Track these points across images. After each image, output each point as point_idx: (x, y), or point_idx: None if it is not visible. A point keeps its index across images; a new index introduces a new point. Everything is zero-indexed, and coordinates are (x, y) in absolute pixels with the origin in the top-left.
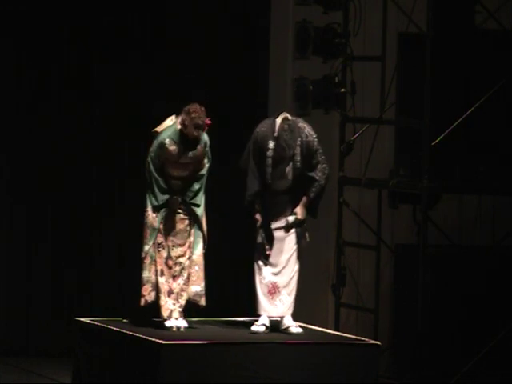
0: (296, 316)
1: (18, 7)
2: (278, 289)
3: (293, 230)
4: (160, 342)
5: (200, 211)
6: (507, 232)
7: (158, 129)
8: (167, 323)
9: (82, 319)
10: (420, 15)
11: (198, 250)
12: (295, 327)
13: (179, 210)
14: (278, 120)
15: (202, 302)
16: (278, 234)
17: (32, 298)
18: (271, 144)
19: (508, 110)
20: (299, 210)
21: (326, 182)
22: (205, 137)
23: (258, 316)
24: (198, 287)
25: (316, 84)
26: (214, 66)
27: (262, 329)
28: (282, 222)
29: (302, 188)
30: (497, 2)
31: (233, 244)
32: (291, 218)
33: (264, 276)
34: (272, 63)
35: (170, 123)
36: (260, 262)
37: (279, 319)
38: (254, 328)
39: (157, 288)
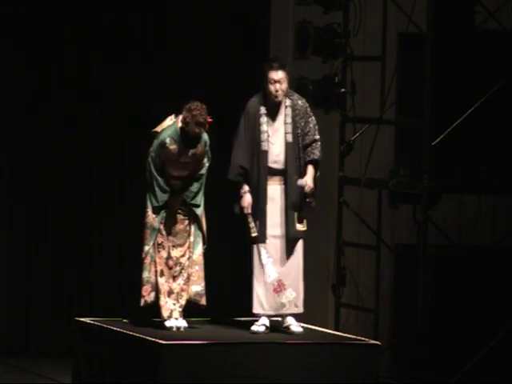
0: (296, 316)
1: (18, 7)
2: (283, 286)
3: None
4: (160, 341)
5: (200, 211)
6: (507, 232)
7: (158, 129)
8: (167, 323)
9: (82, 319)
10: (420, 15)
11: (198, 250)
12: (296, 326)
13: (179, 211)
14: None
15: (203, 301)
16: (280, 231)
17: (32, 298)
18: (263, 109)
19: (508, 110)
20: (309, 178)
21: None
22: (205, 136)
23: (258, 316)
24: (198, 287)
25: (316, 84)
26: (213, 66)
27: (262, 329)
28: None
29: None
30: (497, 2)
31: (232, 244)
32: (302, 181)
33: (269, 274)
34: None
35: (170, 123)
36: (263, 261)
37: (280, 319)
38: (253, 328)
39: (156, 288)
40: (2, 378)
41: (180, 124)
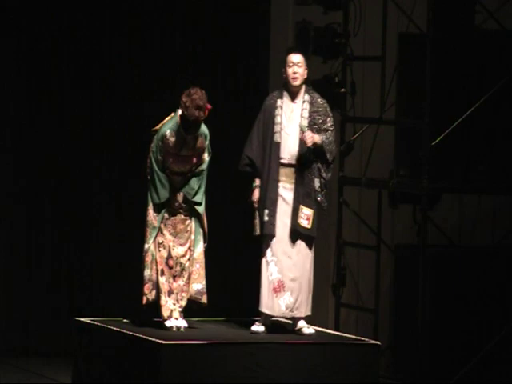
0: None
1: (18, 7)
2: (283, 288)
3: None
4: (160, 342)
5: (201, 209)
6: (507, 232)
7: (158, 127)
8: (167, 323)
9: (81, 319)
10: (420, 15)
11: (199, 248)
12: (307, 328)
13: (180, 210)
14: None
15: (204, 299)
16: (289, 232)
17: (32, 298)
18: (279, 102)
19: (508, 109)
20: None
21: (334, 147)
22: (205, 130)
23: (258, 316)
24: (199, 285)
25: (316, 84)
26: (214, 65)
27: (262, 329)
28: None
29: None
30: (497, 2)
31: (233, 243)
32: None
33: (271, 272)
34: (272, 63)
35: (170, 118)
36: (268, 258)
37: (291, 321)
38: (254, 328)
39: (157, 288)
40: (2, 378)
41: (180, 112)
